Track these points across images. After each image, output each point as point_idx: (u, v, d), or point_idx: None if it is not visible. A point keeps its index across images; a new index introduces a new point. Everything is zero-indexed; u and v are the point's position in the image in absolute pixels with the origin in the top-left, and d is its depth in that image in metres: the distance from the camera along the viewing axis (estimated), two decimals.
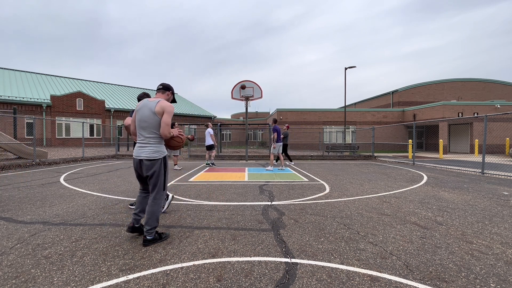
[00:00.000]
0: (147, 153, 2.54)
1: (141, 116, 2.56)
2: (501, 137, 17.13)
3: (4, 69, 25.60)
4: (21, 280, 1.87)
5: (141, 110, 2.56)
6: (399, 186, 5.63)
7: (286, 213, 3.55)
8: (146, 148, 2.56)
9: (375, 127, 15.05)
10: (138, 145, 2.60)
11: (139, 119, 2.57)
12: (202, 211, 3.61)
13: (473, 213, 3.62)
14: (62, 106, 21.09)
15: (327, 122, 22.83)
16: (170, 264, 2.12)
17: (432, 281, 1.89)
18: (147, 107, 2.54)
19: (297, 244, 2.52)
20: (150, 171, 2.54)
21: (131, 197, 4.44)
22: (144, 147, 2.56)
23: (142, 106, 2.57)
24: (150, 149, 2.55)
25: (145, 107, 2.55)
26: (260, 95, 12.07)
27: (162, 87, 2.74)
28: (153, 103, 2.54)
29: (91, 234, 2.74)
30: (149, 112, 2.52)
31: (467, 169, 8.70)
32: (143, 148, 2.56)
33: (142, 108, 2.56)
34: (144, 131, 2.56)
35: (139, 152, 2.57)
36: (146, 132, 2.55)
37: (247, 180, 6.35)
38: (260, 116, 42.90)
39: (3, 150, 10.07)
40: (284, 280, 1.88)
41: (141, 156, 2.55)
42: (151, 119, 2.52)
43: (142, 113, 2.55)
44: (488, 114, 7.89)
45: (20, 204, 3.90)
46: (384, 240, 2.63)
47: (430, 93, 25.94)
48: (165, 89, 2.75)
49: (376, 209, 3.76)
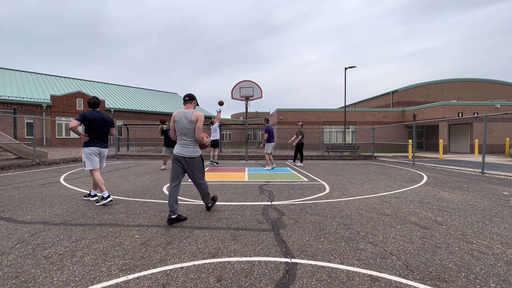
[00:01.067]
0: (189, 152, 3.24)
1: (181, 125, 3.19)
2: (501, 137, 17.12)
3: (4, 69, 25.59)
4: (21, 280, 1.87)
5: (180, 120, 3.19)
6: (399, 186, 5.63)
7: (286, 213, 3.55)
8: (187, 149, 3.24)
9: (375, 127, 15.04)
10: (180, 145, 3.25)
11: (180, 127, 3.20)
12: (202, 211, 3.61)
13: (473, 213, 3.62)
14: (62, 106, 21.09)
15: (327, 122, 22.83)
16: (170, 264, 2.12)
17: (432, 281, 1.89)
18: (185, 117, 3.18)
19: (297, 244, 2.52)
20: (193, 165, 3.28)
21: (131, 197, 4.44)
22: (186, 147, 3.24)
23: (180, 116, 3.20)
24: (190, 149, 3.25)
25: (183, 117, 3.18)
26: (260, 95, 12.06)
27: (189, 98, 3.36)
28: (189, 114, 3.19)
29: (91, 234, 2.74)
30: (187, 121, 3.17)
31: (467, 169, 8.70)
32: (185, 148, 3.24)
33: (181, 119, 3.19)
34: (185, 136, 3.22)
35: (182, 151, 3.22)
36: (187, 137, 3.22)
37: (247, 180, 6.35)
38: (260, 116, 42.89)
39: (3, 150, 10.08)
40: (284, 280, 1.88)
41: (184, 154, 3.22)
42: (190, 126, 3.17)
43: (181, 122, 3.18)
44: (488, 114, 7.89)
45: (20, 204, 3.90)
46: (384, 240, 2.63)
47: (430, 93, 25.94)
48: (191, 99, 3.36)
49: (376, 209, 3.76)
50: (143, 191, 4.90)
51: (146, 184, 5.65)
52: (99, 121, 4.04)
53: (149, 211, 3.61)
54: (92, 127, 4.01)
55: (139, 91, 33.35)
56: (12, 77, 24.03)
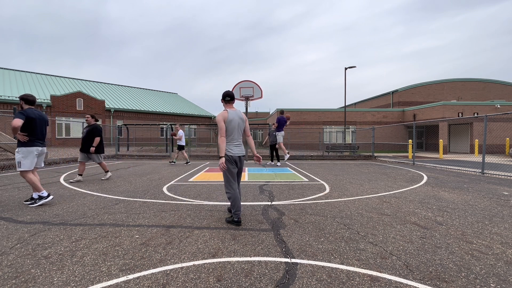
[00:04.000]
0: (244, 151, 3.27)
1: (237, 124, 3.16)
2: (501, 137, 17.12)
3: (4, 69, 25.60)
4: (21, 280, 1.87)
5: (234, 120, 3.13)
6: (399, 186, 5.63)
7: (286, 213, 3.55)
8: (242, 148, 3.26)
9: (375, 127, 15.04)
10: (236, 145, 3.19)
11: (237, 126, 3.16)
12: (202, 211, 3.61)
13: (473, 213, 3.62)
14: (62, 106, 21.09)
15: (327, 122, 22.83)
16: (170, 264, 2.12)
17: (432, 281, 1.89)
18: (238, 116, 3.19)
19: (297, 244, 2.52)
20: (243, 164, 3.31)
21: (131, 197, 4.44)
22: (241, 146, 3.25)
23: (234, 116, 3.14)
24: (243, 149, 3.29)
25: (237, 117, 3.16)
26: (260, 95, 12.05)
27: (231, 98, 3.27)
28: (240, 113, 3.24)
29: (91, 234, 2.74)
30: (241, 121, 3.21)
31: (467, 169, 8.70)
32: (241, 147, 3.24)
33: (234, 118, 3.14)
34: (239, 135, 3.23)
35: (239, 151, 3.18)
36: (240, 136, 3.25)
37: (247, 180, 6.35)
38: (260, 116, 42.86)
39: (3, 150, 10.08)
40: (284, 280, 1.88)
41: (241, 154, 3.20)
42: (242, 126, 3.25)
43: (236, 121, 3.15)
44: (488, 114, 7.89)
45: (20, 204, 3.90)
46: (384, 240, 2.63)
47: (430, 93, 25.94)
48: (233, 99, 3.30)
49: (376, 209, 3.76)
50: (143, 191, 4.90)
51: (146, 184, 5.65)
52: (39, 120, 3.95)
53: (149, 211, 3.61)
54: (34, 125, 3.86)
55: (139, 91, 33.35)
56: (12, 77, 24.04)
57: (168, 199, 4.28)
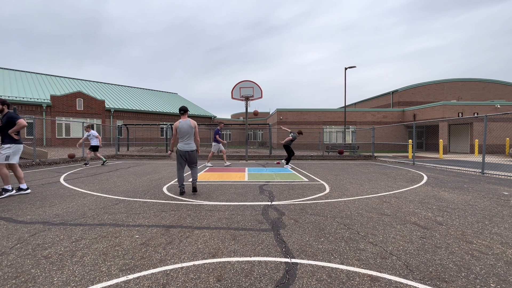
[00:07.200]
0: (192, 148, 4.76)
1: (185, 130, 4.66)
2: (501, 137, 17.12)
3: (4, 69, 25.60)
4: (21, 280, 1.87)
5: (183, 127, 4.64)
6: (399, 186, 5.63)
7: (286, 213, 3.55)
8: (191, 145, 4.74)
9: (375, 127, 15.04)
10: (185, 144, 4.69)
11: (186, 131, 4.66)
12: (202, 211, 3.61)
13: (473, 213, 3.62)
14: (62, 106, 21.09)
15: (327, 122, 22.84)
16: (170, 264, 2.12)
17: (432, 281, 1.89)
18: (187, 124, 4.65)
19: (297, 244, 2.52)
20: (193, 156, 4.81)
21: (131, 197, 4.44)
22: (190, 144, 4.74)
23: (184, 124, 4.64)
24: (192, 146, 4.77)
25: (186, 125, 4.64)
26: (260, 95, 12.05)
27: (184, 111, 4.77)
28: (189, 122, 4.69)
29: (91, 234, 2.74)
30: (189, 128, 4.67)
31: (467, 169, 8.70)
32: (190, 145, 4.74)
33: (184, 126, 4.63)
34: (189, 137, 4.72)
35: (188, 147, 4.71)
36: (191, 137, 4.74)
37: (247, 180, 6.35)
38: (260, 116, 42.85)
39: None
40: (284, 280, 1.88)
41: (189, 149, 4.73)
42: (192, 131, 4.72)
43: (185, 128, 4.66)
44: (488, 114, 7.89)
45: (20, 204, 3.90)
46: (384, 240, 2.63)
47: (430, 93, 25.94)
48: (185, 112, 4.78)
49: (376, 209, 3.76)
50: (143, 191, 4.90)
51: (146, 184, 5.65)
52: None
53: (149, 211, 3.61)
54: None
55: (139, 91, 33.35)
56: (12, 77, 24.03)
57: (168, 199, 4.28)
